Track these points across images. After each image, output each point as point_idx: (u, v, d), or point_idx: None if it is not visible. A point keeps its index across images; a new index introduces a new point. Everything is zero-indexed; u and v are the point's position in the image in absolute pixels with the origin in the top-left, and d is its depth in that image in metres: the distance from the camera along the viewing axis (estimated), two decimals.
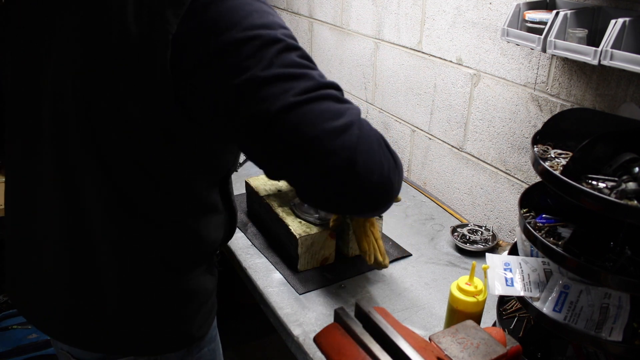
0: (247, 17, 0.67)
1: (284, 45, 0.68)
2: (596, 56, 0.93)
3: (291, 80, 0.67)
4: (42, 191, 0.85)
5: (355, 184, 0.68)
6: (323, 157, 0.66)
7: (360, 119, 0.71)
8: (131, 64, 0.70)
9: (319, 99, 0.67)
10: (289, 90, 0.66)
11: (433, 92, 1.60)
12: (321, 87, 0.68)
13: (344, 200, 0.71)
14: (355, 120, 0.69)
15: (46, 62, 0.78)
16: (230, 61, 0.66)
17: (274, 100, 0.65)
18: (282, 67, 0.67)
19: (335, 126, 0.67)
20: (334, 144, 0.66)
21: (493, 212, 1.49)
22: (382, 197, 0.72)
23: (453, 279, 1.10)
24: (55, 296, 0.88)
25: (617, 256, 0.81)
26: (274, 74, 0.66)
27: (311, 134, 0.66)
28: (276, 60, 0.67)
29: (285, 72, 0.67)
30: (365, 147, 0.68)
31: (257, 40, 0.66)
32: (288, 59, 0.68)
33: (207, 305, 0.94)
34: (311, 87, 0.67)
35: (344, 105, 0.70)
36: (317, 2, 2.07)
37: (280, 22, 0.71)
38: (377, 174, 0.69)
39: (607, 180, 0.79)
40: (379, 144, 0.72)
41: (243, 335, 2.34)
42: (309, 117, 0.66)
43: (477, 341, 0.71)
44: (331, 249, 1.27)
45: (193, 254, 0.89)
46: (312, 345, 1.03)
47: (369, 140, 0.69)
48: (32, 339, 1.77)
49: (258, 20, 0.68)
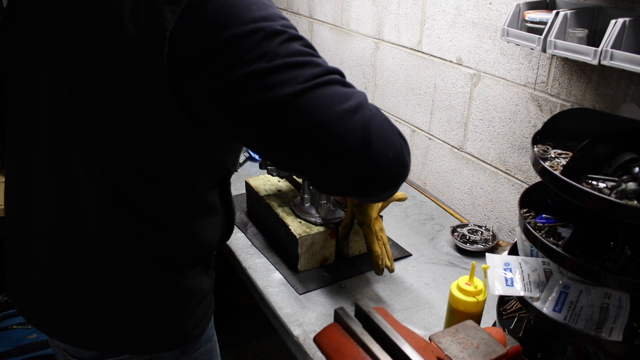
0: (247, 11, 0.67)
1: (286, 36, 0.68)
2: (596, 56, 0.93)
3: (298, 68, 0.67)
4: (38, 190, 0.85)
5: (371, 164, 0.69)
6: (337, 139, 0.67)
7: (367, 101, 0.72)
8: (128, 61, 0.70)
9: (327, 83, 0.68)
10: (296, 77, 0.66)
11: (433, 92, 1.60)
12: (327, 72, 0.69)
13: (360, 182, 0.71)
14: (364, 102, 0.70)
15: (44, 58, 0.78)
16: (233, 56, 0.66)
17: (282, 89, 0.66)
18: (286, 57, 0.67)
19: (346, 108, 0.67)
20: (347, 126, 0.66)
21: (493, 212, 1.49)
22: (398, 174, 0.73)
23: (453, 279, 1.10)
24: (51, 294, 0.88)
25: (617, 256, 0.81)
26: (280, 63, 0.66)
27: (322, 118, 0.66)
28: (280, 50, 0.67)
29: (290, 61, 0.67)
30: (378, 126, 0.69)
31: (258, 33, 0.67)
32: (292, 48, 0.68)
33: (203, 305, 0.94)
34: (318, 73, 0.68)
35: (350, 89, 0.71)
36: (317, 2, 2.07)
37: (279, 13, 0.72)
38: (391, 151, 0.70)
39: (607, 180, 0.79)
40: (388, 123, 0.72)
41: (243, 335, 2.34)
42: (318, 102, 0.66)
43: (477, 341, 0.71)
44: (331, 249, 1.27)
45: (188, 254, 0.89)
46: (312, 345, 1.03)
47: (380, 119, 0.70)
48: (32, 339, 1.77)
49: (257, 13, 0.68)
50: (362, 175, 0.70)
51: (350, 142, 0.67)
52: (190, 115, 0.72)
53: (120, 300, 0.85)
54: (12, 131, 0.89)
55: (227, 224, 0.96)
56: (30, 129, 0.83)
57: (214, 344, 1.04)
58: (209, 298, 0.97)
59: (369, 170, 0.69)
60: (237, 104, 0.68)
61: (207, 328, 0.98)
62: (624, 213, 0.72)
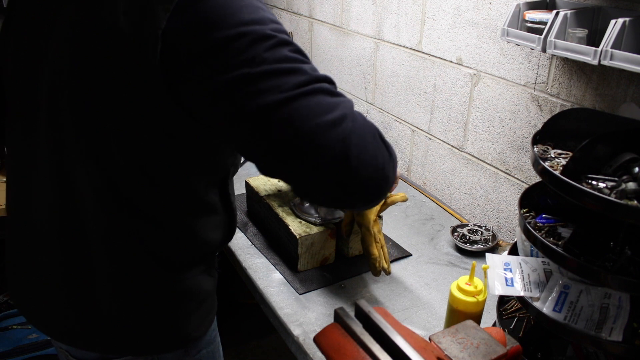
0: (237, 13, 0.67)
1: (275, 41, 0.68)
2: (596, 56, 0.93)
3: (283, 76, 0.66)
4: (38, 190, 0.85)
5: (349, 177, 0.68)
6: (317, 151, 0.66)
7: (354, 112, 0.71)
8: (125, 60, 0.70)
9: (312, 93, 0.67)
10: (281, 85, 0.66)
11: (433, 92, 1.60)
12: (314, 80, 0.68)
13: (338, 194, 0.71)
14: (349, 113, 0.69)
15: (44, 59, 0.78)
16: (220, 58, 0.66)
17: (266, 96, 0.65)
18: (273, 63, 0.66)
19: (328, 120, 0.66)
20: (327, 138, 0.66)
21: (493, 212, 1.49)
22: (377, 189, 0.72)
23: (453, 279, 1.10)
24: (50, 294, 0.88)
25: (617, 256, 0.81)
26: (266, 70, 0.66)
27: (304, 128, 0.66)
28: (267, 56, 0.66)
29: (276, 68, 0.66)
30: (359, 139, 0.68)
31: (247, 36, 0.66)
32: (279, 54, 0.67)
33: (205, 306, 0.94)
34: (303, 81, 0.67)
35: (336, 98, 0.70)
36: (317, 2, 2.07)
37: (270, 16, 0.71)
38: (371, 166, 0.69)
39: (607, 180, 0.79)
40: (373, 136, 0.71)
41: (243, 335, 2.34)
42: (301, 112, 0.66)
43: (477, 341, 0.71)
44: (331, 249, 1.27)
45: (189, 254, 0.89)
46: (312, 345, 1.03)
47: (362, 132, 0.69)
48: (32, 339, 1.77)
49: (248, 16, 0.67)
50: (341, 188, 0.69)
51: (329, 154, 0.66)
52: (190, 115, 0.72)
53: (120, 300, 0.85)
54: (12, 131, 0.89)
55: (229, 223, 0.96)
56: (30, 129, 0.83)
57: (216, 346, 1.03)
58: (212, 299, 0.96)
59: (347, 184, 0.69)
60: (223, 108, 0.68)
61: (210, 329, 0.98)
62: (624, 213, 0.72)
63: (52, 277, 0.87)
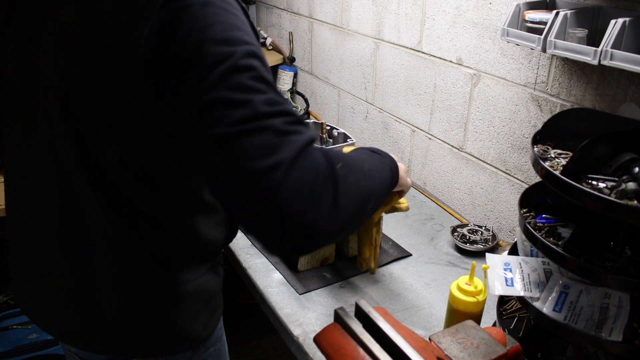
0: (207, 29, 0.65)
1: (235, 66, 0.65)
2: (596, 56, 0.93)
3: (229, 107, 0.64)
4: (38, 190, 0.85)
5: (274, 227, 0.66)
6: (244, 195, 0.65)
7: (302, 153, 0.66)
8: (123, 61, 0.70)
9: (255, 131, 0.64)
10: (223, 119, 0.63)
11: (433, 92, 1.60)
12: (260, 117, 0.64)
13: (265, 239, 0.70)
14: (288, 159, 0.64)
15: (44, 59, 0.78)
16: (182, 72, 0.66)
17: (208, 127, 0.64)
18: (224, 90, 0.64)
19: (260, 167, 0.63)
20: (256, 186, 0.64)
21: (493, 212, 1.49)
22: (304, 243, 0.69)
23: (453, 279, 1.10)
24: (51, 294, 0.88)
25: (617, 256, 0.81)
26: (214, 97, 0.64)
27: (235, 172, 0.64)
28: (221, 81, 0.64)
29: (225, 97, 0.64)
30: (291, 190, 0.64)
31: (208, 57, 0.64)
32: (234, 81, 0.64)
33: (211, 305, 0.94)
34: (250, 116, 0.64)
35: (284, 138, 0.65)
36: (317, 2, 2.07)
37: (243, 36, 0.68)
38: (298, 219, 0.65)
39: (607, 180, 0.79)
40: (313, 184, 0.66)
41: (243, 335, 2.34)
42: (236, 153, 0.63)
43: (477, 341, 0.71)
44: (331, 249, 1.27)
45: (192, 253, 0.88)
46: (312, 345, 1.03)
47: (299, 180, 0.64)
48: (32, 339, 1.77)
49: (218, 35, 0.65)
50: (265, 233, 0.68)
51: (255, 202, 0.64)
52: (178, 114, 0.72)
53: (121, 300, 0.85)
54: (12, 131, 0.89)
55: (230, 222, 0.96)
56: (30, 129, 0.83)
57: (223, 344, 1.03)
58: (218, 297, 0.96)
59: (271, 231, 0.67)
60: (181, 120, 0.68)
61: (217, 328, 0.98)
62: (624, 213, 0.72)
63: (53, 277, 0.87)
